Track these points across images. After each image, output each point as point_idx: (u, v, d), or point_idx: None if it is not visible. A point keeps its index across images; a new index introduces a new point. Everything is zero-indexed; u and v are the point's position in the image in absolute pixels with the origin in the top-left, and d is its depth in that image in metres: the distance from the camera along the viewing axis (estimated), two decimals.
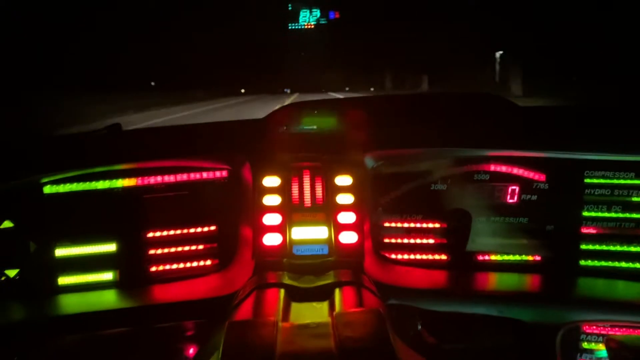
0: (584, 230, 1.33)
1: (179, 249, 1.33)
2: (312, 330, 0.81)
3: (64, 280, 1.29)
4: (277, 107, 1.59)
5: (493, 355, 1.18)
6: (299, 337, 0.78)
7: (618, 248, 1.32)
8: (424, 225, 1.37)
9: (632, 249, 1.31)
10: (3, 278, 1.26)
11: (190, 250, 1.33)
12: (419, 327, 1.17)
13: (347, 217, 1.22)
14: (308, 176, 1.26)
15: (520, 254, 1.34)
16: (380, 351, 0.74)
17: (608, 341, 0.92)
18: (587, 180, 1.32)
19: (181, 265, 1.32)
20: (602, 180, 1.31)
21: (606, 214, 1.32)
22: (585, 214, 1.33)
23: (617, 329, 1.19)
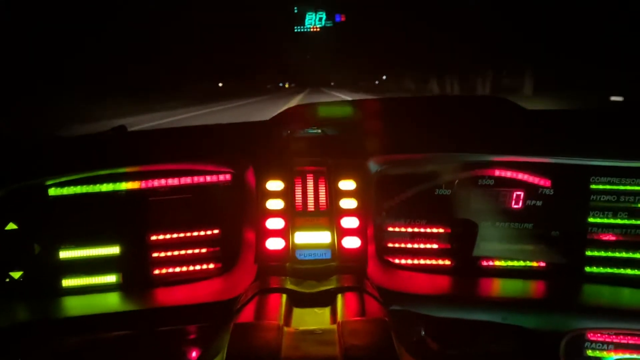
0: (590, 237, 1.32)
1: (182, 252, 1.33)
2: (317, 337, 0.80)
3: (67, 282, 1.29)
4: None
5: None
6: (303, 343, 0.78)
7: (624, 255, 1.31)
8: (428, 230, 1.37)
9: (638, 256, 1.30)
10: (7, 280, 1.27)
11: (193, 254, 1.33)
12: (422, 332, 1.17)
13: (350, 222, 1.22)
14: (311, 180, 1.26)
15: (525, 260, 1.33)
16: None
17: None
18: (593, 186, 1.31)
19: (184, 269, 1.33)
20: (608, 187, 1.30)
21: (612, 221, 1.31)
22: (591, 220, 1.32)
23: (622, 337, 1.18)
